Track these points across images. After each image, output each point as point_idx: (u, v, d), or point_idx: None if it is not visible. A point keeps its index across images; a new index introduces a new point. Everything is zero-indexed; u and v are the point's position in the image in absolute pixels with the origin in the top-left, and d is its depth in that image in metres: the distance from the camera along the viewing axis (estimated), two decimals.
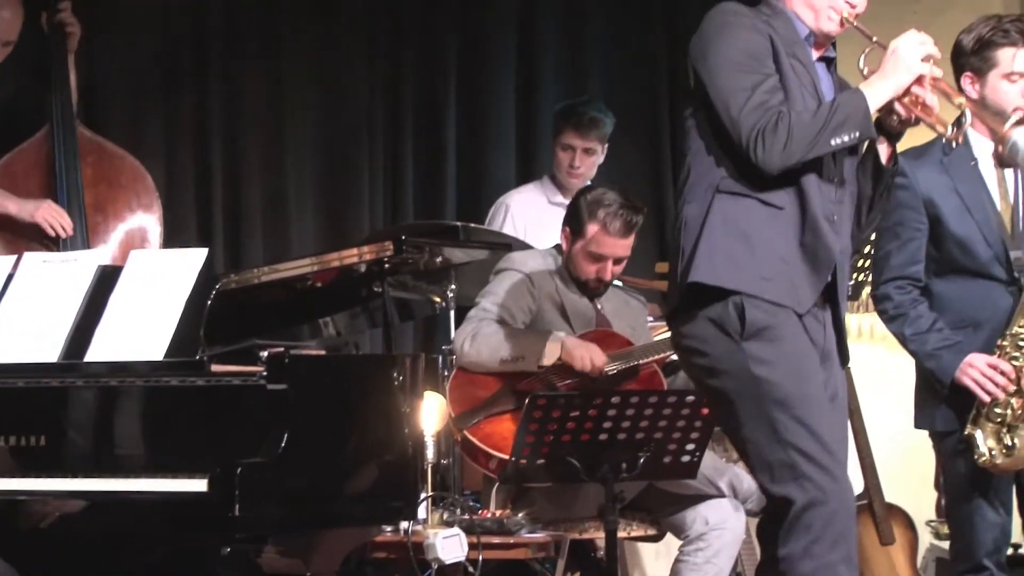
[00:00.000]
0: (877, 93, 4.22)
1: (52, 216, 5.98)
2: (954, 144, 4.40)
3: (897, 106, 4.25)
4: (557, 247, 5.96)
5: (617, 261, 5.85)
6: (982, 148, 4.87)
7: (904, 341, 4.94)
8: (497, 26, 8.19)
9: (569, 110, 7.08)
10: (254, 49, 7.69)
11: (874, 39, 4.30)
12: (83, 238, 6.03)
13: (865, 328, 7.78)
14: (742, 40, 4.22)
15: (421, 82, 8.06)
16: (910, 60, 4.21)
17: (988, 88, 4.84)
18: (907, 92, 4.23)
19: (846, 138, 4.20)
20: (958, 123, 4.29)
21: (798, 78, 4.27)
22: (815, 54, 4.37)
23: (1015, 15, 4.99)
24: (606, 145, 7.08)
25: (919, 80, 4.22)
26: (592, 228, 5.79)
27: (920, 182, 4.88)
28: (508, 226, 7.00)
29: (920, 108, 4.24)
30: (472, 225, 6.87)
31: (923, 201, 4.88)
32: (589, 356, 5.69)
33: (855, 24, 4.31)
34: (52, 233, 5.97)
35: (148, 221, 6.19)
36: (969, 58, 4.87)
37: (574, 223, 5.85)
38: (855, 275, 6.82)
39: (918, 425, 4.99)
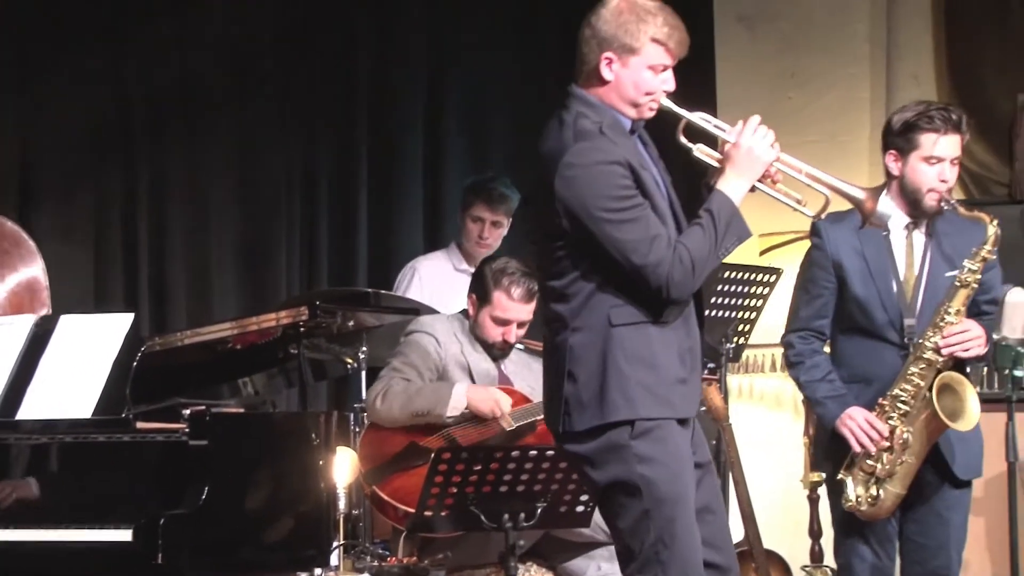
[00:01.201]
0: (739, 191, 4.25)
1: None
2: (822, 216, 4.43)
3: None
4: (463, 312, 6.01)
5: (520, 324, 5.91)
6: (896, 220, 4.93)
7: (800, 386, 5.07)
8: (406, 107, 8.25)
9: (480, 186, 7.11)
10: (178, 130, 7.73)
11: (688, 116, 4.27)
12: None
13: (745, 388, 7.86)
14: (614, 183, 4.15)
15: (335, 159, 8.11)
16: (760, 151, 4.24)
17: (908, 168, 4.93)
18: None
19: (730, 247, 4.26)
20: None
21: (652, 189, 4.23)
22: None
23: (943, 103, 5.07)
24: (511, 218, 7.13)
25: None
26: (497, 295, 5.85)
27: (831, 243, 4.98)
28: (415, 288, 7.01)
29: (772, 186, 4.30)
30: (382, 292, 6.89)
31: (832, 262, 4.98)
32: (494, 400, 5.74)
33: (671, 107, 4.27)
34: None
35: (33, 275, 6.12)
36: (895, 138, 4.97)
37: (480, 291, 5.90)
38: (735, 339, 6.91)
39: (813, 468, 5.08)
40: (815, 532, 6.97)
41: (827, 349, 5.08)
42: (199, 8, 7.70)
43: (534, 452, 5.35)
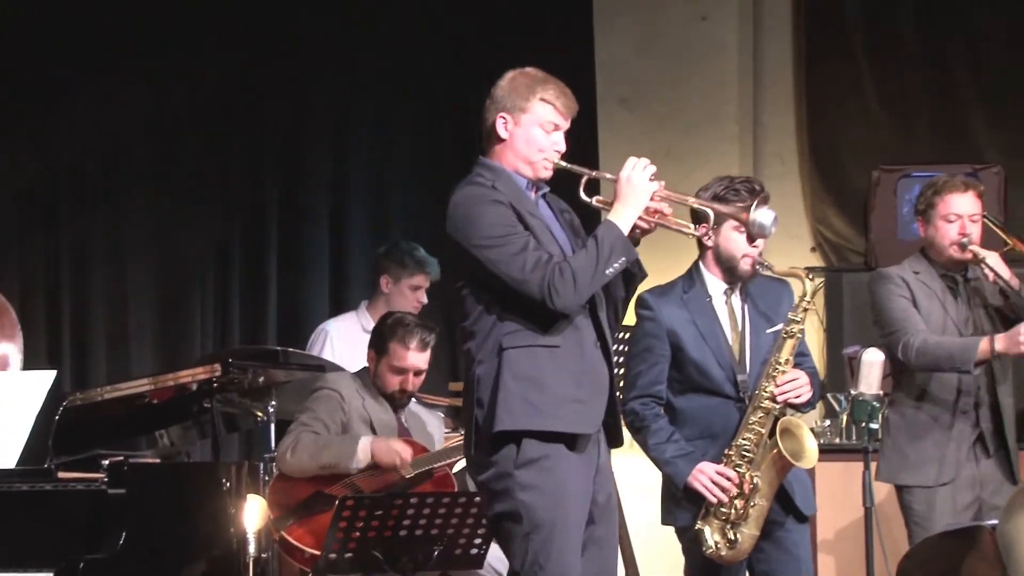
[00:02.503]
0: (625, 219, 4.37)
1: None
2: (708, 240, 4.59)
3: (639, 222, 4.41)
4: (364, 370, 6.00)
5: (417, 373, 5.92)
6: (715, 287, 5.01)
7: (646, 449, 5.01)
8: (313, 181, 8.25)
9: (421, 258, 6.97)
10: (100, 200, 7.73)
11: (584, 172, 4.46)
12: None
13: (627, 438, 7.87)
14: (494, 216, 4.30)
15: (246, 228, 8.10)
16: (641, 183, 4.38)
17: (722, 238, 4.95)
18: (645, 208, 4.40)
19: (617, 265, 4.33)
20: (701, 220, 4.66)
21: (539, 230, 4.35)
22: (532, 195, 4.46)
23: (745, 176, 5.15)
24: None
25: (652, 196, 4.40)
26: (393, 345, 5.87)
27: (664, 315, 4.98)
28: (327, 348, 6.96)
29: (659, 217, 4.43)
30: (291, 350, 6.86)
31: (666, 331, 4.98)
32: (397, 452, 5.72)
33: (565, 165, 4.45)
34: None
35: (10, 349, 6.06)
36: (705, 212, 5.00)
37: (378, 344, 5.92)
38: (618, 393, 6.91)
39: (664, 522, 5.06)
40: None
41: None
42: (120, 86, 7.71)
43: (431, 499, 5.36)
